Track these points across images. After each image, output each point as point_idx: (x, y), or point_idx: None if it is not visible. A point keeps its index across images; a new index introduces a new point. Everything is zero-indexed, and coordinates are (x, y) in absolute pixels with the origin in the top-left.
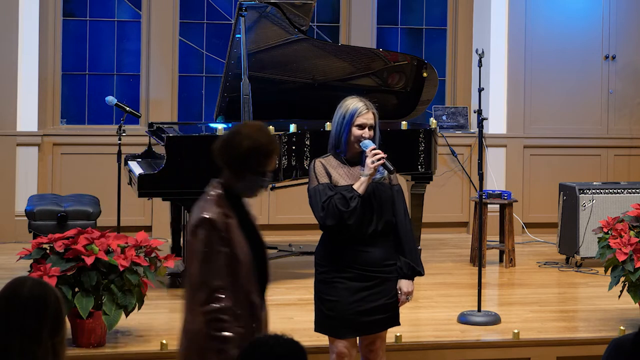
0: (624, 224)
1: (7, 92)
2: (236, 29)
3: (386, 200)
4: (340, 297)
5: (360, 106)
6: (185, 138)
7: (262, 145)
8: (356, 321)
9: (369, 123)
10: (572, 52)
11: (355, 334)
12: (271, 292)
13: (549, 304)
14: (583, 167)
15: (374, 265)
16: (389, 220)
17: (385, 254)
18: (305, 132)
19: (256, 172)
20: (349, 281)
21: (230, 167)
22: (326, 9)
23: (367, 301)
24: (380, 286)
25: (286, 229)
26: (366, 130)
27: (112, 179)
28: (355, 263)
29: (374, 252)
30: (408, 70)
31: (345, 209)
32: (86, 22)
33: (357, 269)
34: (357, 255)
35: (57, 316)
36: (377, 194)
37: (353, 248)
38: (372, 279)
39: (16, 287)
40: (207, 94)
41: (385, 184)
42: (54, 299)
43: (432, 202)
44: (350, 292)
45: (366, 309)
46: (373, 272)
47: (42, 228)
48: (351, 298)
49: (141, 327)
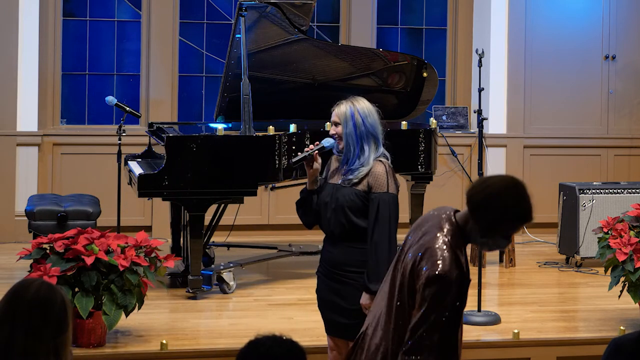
0: (624, 224)
1: (7, 92)
2: (236, 29)
3: (342, 204)
4: (318, 290)
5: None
6: (185, 138)
7: (527, 216)
8: (327, 317)
9: (333, 120)
10: (572, 52)
11: (330, 331)
12: (271, 292)
13: (549, 304)
14: (583, 167)
15: (335, 267)
16: (345, 224)
17: (345, 258)
18: (305, 132)
19: (506, 235)
20: (323, 276)
21: (480, 224)
22: (326, 9)
23: (332, 298)
24: (344, 290)
25: (286, 229)
26: (332, 127)
27: (112, 179)
28: (323, 260)
29: (335, 253)
30: (408, 70)
31: (296, 202)
32: (86, 22)
33: (324, 266)
34: (325, 253)
35: (62, 318)
36: (335, 196)
37: (324, 245)
38: (334, 279)
39: (24, 287)
40: (207, 94)
41: (350, 189)
42: (60, 301)
43: (432, 202)
44: (323, 285)
45: (331, 306)
46: (334, 272)
47: (42, 228)
48: (323, 293)
49: (141, 327)
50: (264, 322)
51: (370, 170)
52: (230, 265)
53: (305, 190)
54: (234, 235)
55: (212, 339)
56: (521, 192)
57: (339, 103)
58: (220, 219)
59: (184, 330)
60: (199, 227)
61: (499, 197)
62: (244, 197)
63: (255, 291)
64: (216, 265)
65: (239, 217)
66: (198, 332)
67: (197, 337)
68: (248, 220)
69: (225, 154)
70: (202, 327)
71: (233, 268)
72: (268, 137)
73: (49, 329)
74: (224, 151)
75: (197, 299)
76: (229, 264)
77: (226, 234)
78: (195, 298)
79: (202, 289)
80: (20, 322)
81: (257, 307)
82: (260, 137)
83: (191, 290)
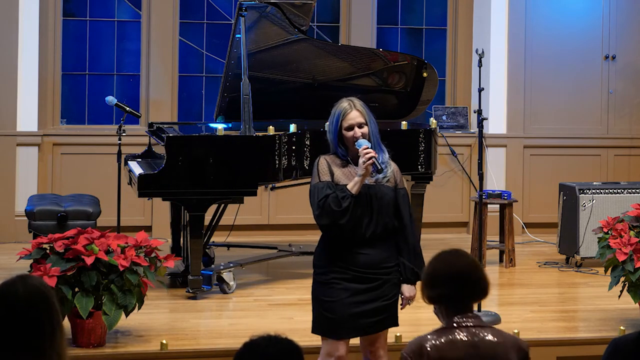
0: (624, 224)
1: (7, 92)
2: (236, 29)
3: (386, 203)
4: (338, 298)
5: (345, 106)
6: (185, 138)
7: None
8: (354, 322)
9: (355, 122)
10: (572, 52)
11: (354, 334)
12: (271, 292)
13: (549, 304)
14: (583, 167)
15: (372, 267)
16: (388, 223)
17: (383, 256)
18: (305, 132)
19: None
20: (347, 282)
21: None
22: (326, 9)
23: (365, 302)
24: (378, 288)
25: (286, 229)
26: (356, 130)
27: (112, 179)
28: (353, 265)
29: (372, 254)
30: (408, 70)
31: (337, 209)
32: (86, 22)
33: (354, 271)
34: (355, 257)
35: (51, 315)
36: (378, 196)
37: (350, 249)
38: (369, 281)
39: (5, 290)
40: (207, 94)
41: (387, 187)
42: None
43: (432, 202)
44: (347, 292)
45: (363, 311)
46: (370, 274)
47: (42, 228)
48: (348, 299)
49: (141, 327)
50: (264, 322)
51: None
52: (230, 265)
53: (352, 195)
54: (234, 235)
55: (212, 339)
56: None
57: (352, 104)
58: (220, 219)
59: (184, 330)
60: (199, 227)
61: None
62: (244, 197)
63: (255, 291)
64: (216, 265)
65: (239, 217)
66: (198, 332)
67: (197, 337)
68: (248, 220)
69: (225, 154)
70: (202, 327)
71: (233, 268)
72: (268, 137)
73: (46, 323)
74: (224, 151)
75: (197, 299)
76: (229, 264)
77: (226, 234)
78: (195, 298)
79: (202, 289)
80: (18, 321)
81: (257, 307)
82: (260, 137)
83: (191, 290)
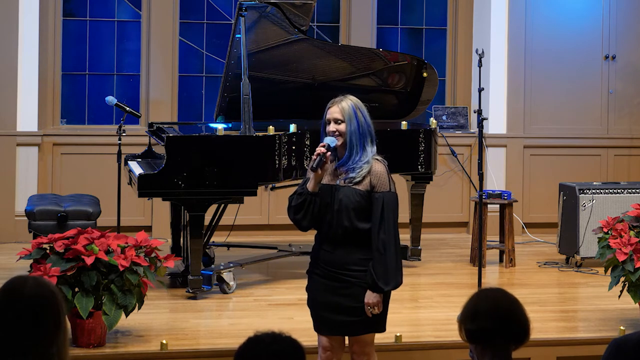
0: (624, 224)
1: (7, 92)
2: (236, 29)
3: (346, 206)
4: (312, 290)
5: (332, 101)
6: (185, 138)
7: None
8: (324, 317)
9: (332, 117)
10: (572, 52)
11: (328, 331)
12: (271, 292)
13: (549, 304)
14: (583, 167)
15: (336, 267)
16: (348, 226)
17: (348, 258)
18: (305, 132)
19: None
20: (318, 277)
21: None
22: (326, 9)
23: (332, 298)
24: (347, 289)
25: (286, 229)
26: (332, 124)
27: (112, 179)
28: (320, 261)
29: (337, 254)
30: (408, 70)
31: (292, 205)
32: (86, 22)
33: (321, 267)
34: (323, 254)
35: (61, 311)
36: (339, 197)
37: (320, 246)
38: (336, 280)
39: (15, 286)
40: (207, 94)
41: (355, 190)
42: (56, 295)
43: (432, 202)
44: (318, 286)
45: (330, 306)
46: (336, 273)
47: (42, 228)
48: (319, 294)
49: (141, 327)
50: (263, 322)
51: (370, 169)
52: (230, 265)
53: (307, 192)
54: (234, 235)
55: (212, 339)
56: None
57: (337, 100)
58: (220, 219)
59: (184, 330)
60: (199, 227)
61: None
62: (244, 197)
63: (255, 291)
64: (216, 265)
65: (239, 217)
66: (198, 332)
67: (197, 337)
68: (248, 220)
69: (225, 154)
70: (202, 327)
71: (233, 268)
72: (268, 137)
73: (51, 324)
74: (224, 151)
75: (197, 299)
76: (229, 264)
77: (226, 234)
78: (195, 298)
79: (202, 289)
80: (12, 325)
81: (257, 307)
82: (260, 137)
83: (191, 290)
